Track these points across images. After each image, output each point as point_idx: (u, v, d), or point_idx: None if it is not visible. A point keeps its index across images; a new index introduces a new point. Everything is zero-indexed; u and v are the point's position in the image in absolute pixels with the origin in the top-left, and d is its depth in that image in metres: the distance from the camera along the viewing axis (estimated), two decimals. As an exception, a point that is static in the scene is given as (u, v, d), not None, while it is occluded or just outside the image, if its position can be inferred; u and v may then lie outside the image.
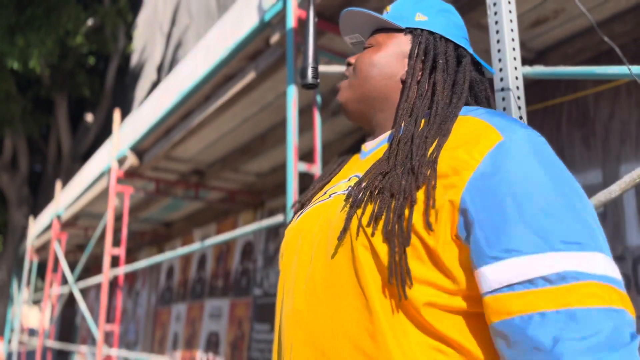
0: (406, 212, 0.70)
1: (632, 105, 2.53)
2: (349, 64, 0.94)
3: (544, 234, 0.64)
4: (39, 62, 9.23)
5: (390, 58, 0.89)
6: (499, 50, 1.44)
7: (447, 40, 0.90)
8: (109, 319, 9.45)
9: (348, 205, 0.76)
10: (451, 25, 0.92)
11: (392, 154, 0.78)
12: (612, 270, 0.66)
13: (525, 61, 2.85)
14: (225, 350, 5.67)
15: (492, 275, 0.65)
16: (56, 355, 13.09)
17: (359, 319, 0.71)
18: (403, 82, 0.88)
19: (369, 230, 0.72)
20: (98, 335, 4.35)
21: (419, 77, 0.87)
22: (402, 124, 0.83)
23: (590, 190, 2.64)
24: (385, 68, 0.88)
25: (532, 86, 2.97)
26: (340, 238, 0.75)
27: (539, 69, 1.46)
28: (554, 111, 2.87)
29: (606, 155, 2.60)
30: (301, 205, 0.95)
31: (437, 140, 0.75)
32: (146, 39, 11.72)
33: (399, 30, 0.91)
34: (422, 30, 0.90)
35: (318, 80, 1.01)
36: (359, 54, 0.94)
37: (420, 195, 0.71)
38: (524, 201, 0.66)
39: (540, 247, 0.64)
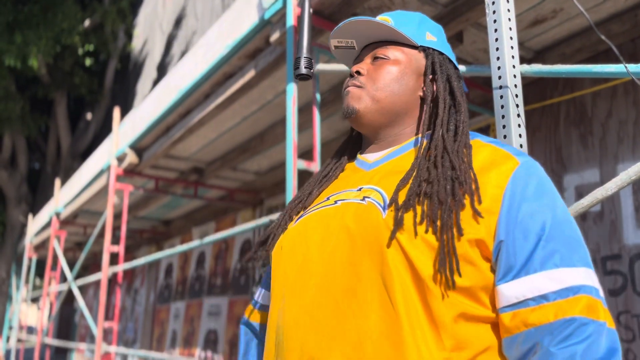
0: (453, 214, 0.78)
1: (630, 105, 2.55)
2: (358, 72, 0.96)
3: (557, 254, 0.75)
4: (37, 59, 9.21)
5: (410, 74, 0.94)
6: (497, 49, 1.45)
7: (450, 61, 0.97)
8: (108, 316, 9.46)
9: (388, 212, 0.80)
10: (449, 47, 1.01)
11: (430, 164, 0.85)
12: (598, 283, 0.77)
13: (524, 60, 2.86)
14: (224, 348, 5.68)
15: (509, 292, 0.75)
16: (54, 352, 13.10)
17: (383, 327, 0.73)
18: (421, 98, 0.95)
19: (420, 230, 0.77)
20: (97, 332, 4.35)
21: (437, 95, 0.94)
22: (424, 137, 0.90)
23: (588, 189, 2.65)
24: (407, 84, 0.93)
25: (531, 85, 2.99)
26: (373, 244, 0.78)
27: (536, 68, 1.47)
28: (552, 110, 2.89)
29: (603, 154, 2.61)
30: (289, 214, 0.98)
31: (466, 152, 0.85)
32: (146, 37, 11.72)
33: (412, 46, 0.95)
34: (433, 49, 0.96)
35: (312, 71, 1.00)
36: (367, 62, 0.97)
37: (466, 197, 0.79)
38: (544, 228, 0.77)
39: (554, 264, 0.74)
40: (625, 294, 2.43)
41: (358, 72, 0.96)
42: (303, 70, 0.99)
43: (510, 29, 1.46)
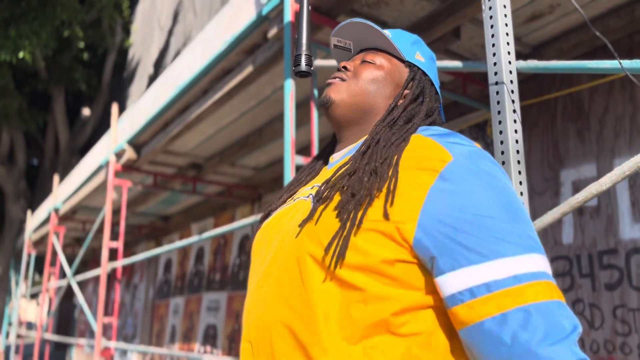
0: (364, 206, 0.79)
1: (626, 100, 2.56)
2: (345, 68, 1.02)
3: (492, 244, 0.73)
4: (30, 53, 9.16)
5: (390, 82, 1.00)
6: (493, 45, 1.46)
7: (432, 84, 1.03)
8: (107, 312, 9.48)
9: (312, 202, 0.86)
10: (436, 74, 1.07)
11: (358, 158, 0.87)
12: (548, 267, 0.75)
13: (521, 56, 2.87)
14: (223, 343, 5.70)
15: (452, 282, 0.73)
16: (54, 348, 13.13)
17: (294, 305, 0.79)
18: (390, 103, 1.00)
19: (327, 219, 0.80)
20: (96, 328, 4.37)
21: (406, 104, 0.97)
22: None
23: (585, 184, 2.67)
24: (383, 88, 0.99)
25: (528, 81, 2.99)
26: (296, 234, 0.84)
27: (532, 64, 1.48)
28: (549, 105, 2.89)
29: (600, 149, 2.62)
30: (269, 211, 1.05)
31: (402, 145, 0.86)
32: (144, 33, 11.69)
33: (400, 59, 1.03)
34: (418, 68, 1.03)
35: (312, 68, 1.03)
36: (356, 62, 1.03)
37: (381, 194, 0.79)
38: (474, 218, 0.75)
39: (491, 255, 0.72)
40: (621, 288, 2.44)
41: (345, 68, 1.02)
42: (303, 68, 1.02)
43: (507, 24, 1.47)
